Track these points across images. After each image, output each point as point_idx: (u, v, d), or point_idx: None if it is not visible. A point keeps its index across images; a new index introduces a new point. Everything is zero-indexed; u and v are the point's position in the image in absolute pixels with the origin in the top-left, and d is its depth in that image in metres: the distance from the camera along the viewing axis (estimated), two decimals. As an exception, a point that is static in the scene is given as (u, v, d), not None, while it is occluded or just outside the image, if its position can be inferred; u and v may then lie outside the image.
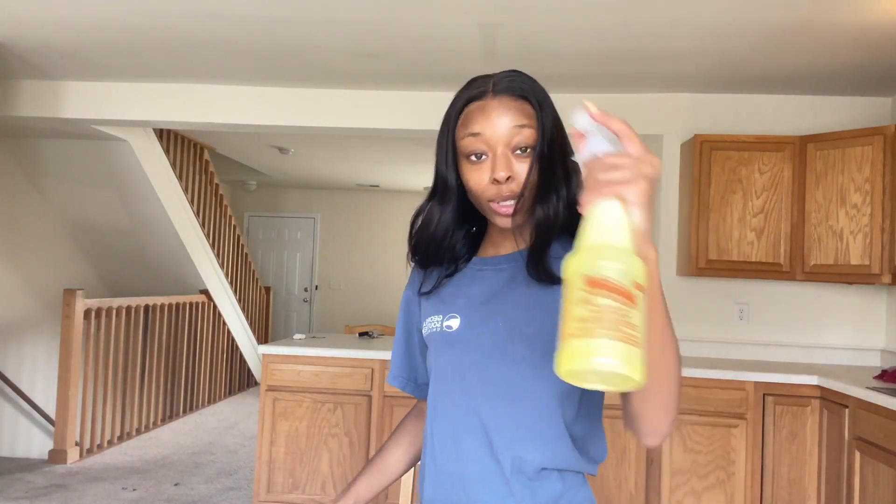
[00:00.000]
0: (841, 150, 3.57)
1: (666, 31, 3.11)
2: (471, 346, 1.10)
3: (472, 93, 1.08)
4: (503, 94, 1.06)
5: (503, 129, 1.04)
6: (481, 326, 1.10)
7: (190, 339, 6.53)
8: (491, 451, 1.06)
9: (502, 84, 1.07)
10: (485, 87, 1.07)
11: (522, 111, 1.05)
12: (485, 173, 1.05)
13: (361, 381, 3.69)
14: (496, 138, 1.04)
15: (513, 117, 1.04)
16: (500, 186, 1.04)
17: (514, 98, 1.06)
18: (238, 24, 3.19)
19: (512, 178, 1.04)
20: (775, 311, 4.01)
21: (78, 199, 5.73)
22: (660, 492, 3.48)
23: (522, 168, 1.05)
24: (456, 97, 1.11)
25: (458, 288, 1.16)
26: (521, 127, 1.04)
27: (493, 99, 1.06)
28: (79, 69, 4.04)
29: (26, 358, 5.64)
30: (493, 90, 1.06)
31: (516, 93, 1.06)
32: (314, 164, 7.53)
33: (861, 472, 3.02)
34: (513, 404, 1.05)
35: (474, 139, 1.05)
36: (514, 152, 1.05)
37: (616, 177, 0.77)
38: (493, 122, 1.04)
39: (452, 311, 1.14)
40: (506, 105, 1.05)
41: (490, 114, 1.05)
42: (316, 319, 9.78)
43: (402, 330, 1.29)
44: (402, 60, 3.64)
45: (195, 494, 4.25)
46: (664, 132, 4.12)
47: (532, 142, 1.05)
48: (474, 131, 1.05)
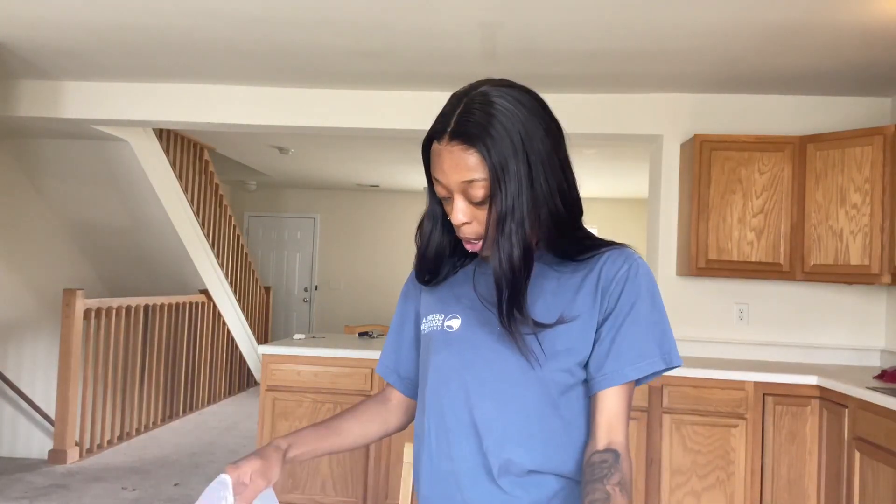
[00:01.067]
0: (841, 150, 3.57)
1: (666, 31, 3.11)
2: (469, 347, 1.11)
3: (434, 129, 1.05)
4: (454, 142, 1.01)
5: (454, 182, 1.03)
6: (480, 328, 1.11)
7: (190, 339, 6.53)
8: (481, 451, 1.07)
9: (458, 126, 1.01)
10: (444, 123, 1.03)
11: (471, 165, 1.01)
12: (449, 211, 1.07)
13: (361, 381, 3.70)
14: (452, 187, 1.04)
15: (462, 172, 1.01)
16: (461, 229, 1.06)
17: (464, 148, 1.01)
18: (238, 24, 3.19)
19: (470, 223, 1.05)
20: (775, 312, 4.01)
21: (78, 199, 5.73)
22: (660, 492, 3.48)
23: (480, 214, 1.04)
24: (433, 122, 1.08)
25: (460, 288, 1.17)
26: (469, 182, 1.02)
27: (445, 147, 1.02)
28: (79, 69, 4.04)
29: (26, 358, 5.64)
30: (450, 133, 1.02)
31: (466, 140, 1.01)
32: (314, 164, 7.53)
33: (861, 472, 3.02)
34: (504, 407, 1.07)
35: (436, 183, 1.06)
36: (470, 202, 1.04)
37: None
38: (445, 174, 1.03)
39: (455, 311, 1.16)
40: (454, 157, 1.02)
41: (443, 164, 1.03)
42: (316, 319, 9.78)
43: (396, 321, 1.31)
44: (402, 60, 3.64)
45: (195, 494, 4.25)
46: (664, 132, 4.12)
47: (483, 194, 1.02)
48: (436, 176, 1.06)
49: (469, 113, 1.02)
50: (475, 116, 1.01)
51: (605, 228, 9.52)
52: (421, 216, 1.18)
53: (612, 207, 9.53)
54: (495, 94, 1.03)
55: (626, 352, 1.05)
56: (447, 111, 1.04)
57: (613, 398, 1.05)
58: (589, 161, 6.59)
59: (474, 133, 1.00)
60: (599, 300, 1.07)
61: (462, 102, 1.03)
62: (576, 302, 1.07)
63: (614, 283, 1.07)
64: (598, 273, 1.08)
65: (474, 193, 1.02)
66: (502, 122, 1.01)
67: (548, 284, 1.09)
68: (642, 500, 3.50)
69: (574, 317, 1.06)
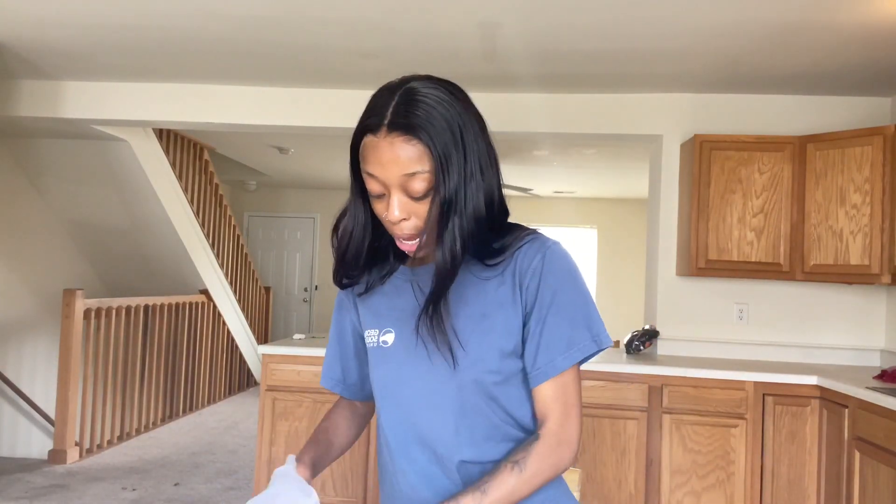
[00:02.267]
0: (841, 150, 3.57)
1: (666, 31, 3.11)
2: (403, 361, 1.11)
3: (367, 122, 1.02)
4: (395, 133, 0.98)
5: (394, 176, 0.99)
6: (411, 339, 1.10)
7: (190, 339, 6.53)
8: (437, 460, 1.08)
9: (396, 118, 0.99)
10: (379, 117, 1.00)
11: (413, 156, 0.98)
12: (383, 210, 1.03)
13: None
14: (389, 182, 1.00)
15: (403, 164, 0.98)
16: (397, 226, 1.03)
17: (406, 139, 0.98)
18: (238, 24, 3.19)
19: (408, 219, 1.02)
20: (775, 311, 4.01)
21: (78, 199, 5.73)
22: (659, 492, 3.48)
23: (420, 209, 1.01)
24: (360, 117, 1.05)
25: (391, 300, 1.16)
26: (411, 175, 0.98)
27: (384, 139, 0.99)
28: (79, 69, 4.04)
29: (26, 358, 5.64)
30: (388, 125, 0.99)
31: (408, 131, 0.98)
32: (314, 164, 7.53)
33: (861, 472, 3.02)
34: (444, 414, 1.07)
35: (370, 178, 1.02)
36: (409, 197, 1.01)
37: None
38: (384, 167, 0.99)
39: (388, 325, 1.14)
40: (396, 148, 0.98)
41: (381, 157, 0.99)
42: (316, 319, 9.78)
43: (334, 331, 1.30)
44: (402, 60, 3.64)
45: (195, 494, 4.25)
46: (664, 132, 4.12)
47: (426, 187, 0.99)
48: (368, 171, 1.01)
49: (406, 104, 0.99)
50: (414, 108, 0.98)
51: (606, 228, 9.52)
52: (335, 218, 1.13)
53: (612, 207, 9.52)
54: (429, 86, 1.02)
55: (556, 343, 1.05)
56: (379, 104, 1.01)
57: (550, 390, 1.05)
58: (589, 161, 6.58)
59: (416, 124, 0.98)
60: (519, 294, 1.06)
61: (395, 95, 1.01)
62: (496, 300, 1.06)
63: (530, 276, 1.05)
64: (514, 268, 1.06)
65: (415, 187, 0.99)
66: (442, 113, 0.99)
67: (469, 291, 1.07)
68: (642, 500, 3.50)
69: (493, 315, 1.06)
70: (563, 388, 1.06)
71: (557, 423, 1.05)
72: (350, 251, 1.12)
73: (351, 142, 1.06)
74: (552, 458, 1.03)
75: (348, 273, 1.15)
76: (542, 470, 1.02)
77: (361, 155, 1.03)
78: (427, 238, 1.04)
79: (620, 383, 3.51)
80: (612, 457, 3.52)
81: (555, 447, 1.03)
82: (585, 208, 9.47)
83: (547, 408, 1.05)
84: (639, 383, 3.50)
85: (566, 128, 4.14)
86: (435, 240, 1.03)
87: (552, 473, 1.03)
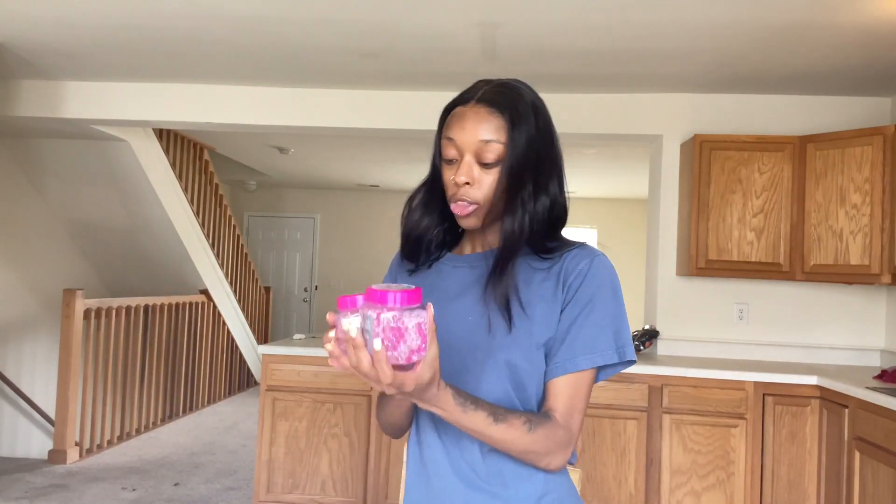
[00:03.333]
0: (841, 150, 3.57)
1: (666, 31, 3.11)
2: (440, 341, 1.13)
3: (460, 98, 1.13)
4: (481, 105, 1.09)
5: (471, 140, 1.09)
6: (450, 319, 1.14)
7: (190, 339, 6.53)
8: (457, 435, 1.12)
9: (487, 94, 1.10)
10: (472, 93, 1.11)
11: (493, 126, 1.08)
12: (452, 173, 1.12)
13: (361, 382, 3.69)
14: (464, 146, 1.09)
15: (482, 131, 1.08)
16: (459, 189, 1.10)
17: (490, 111, 1.09)
18: (238, 24, 3.19)
19: (471, 184, 1.09)
20: (775, 311, 4.01)
21: (78, 199, 5.73)
22: (659, 492, 3.48)
23: (486, 178, 1.10)
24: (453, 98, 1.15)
25: (433, 282, 1.21)
26: (487, 142, 1.08)
27: (471, 108, 1.10)
28: (79, 69, 4.04)
29: (26, 358, 5.64)
30: (477, 98, 1.10)
31: (494, 105, 1.09)
32: (314, 164, 7.53)
33: (861, 472, 3.02)
34: (475, 394, 1.10)
35: (448, 143, 1.11)
36: (480, 163, 1.09)
37: None
38: (464, 131, 1.09)
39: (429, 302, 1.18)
40: (479, 116, 1.09)
41: (464, 122, 1.09)
42: (316, 319, 9.78)
43: None
44: (402, 60, 3.64)
45: (195, 494, 4.26)
46: (664, 132, 4.12)
47: (496, 157, 1.08)
48: (449, 136, 1.11)
49: (499, 87, 1.11)
50: (504, 91, 1.11)
51: (606, 228, 9.51)
52: (413, 192, 1.21)
53: (612, 207, 9.52)
54: (524, 84, 1.14)
55: (580, 342, 1.08)
56: (474, 87, 1.13)
57: (563, 385, 1.08)
58: (589, 161, 6.58)
59: (503, 103, 1.09)
60: (561, 290, 1.11)
61: (492, 83, 1.13)
62: (539, 292, 1.11)
63: (574, 276, 1.11)
64: (561, 266, 1.12)
65: (487, 155, 1.08)
66: (527, 104, 1.11)
67: (520, 278, 1.12)
68: (642, 500, 3.50)
69: (534, 306, 1.10)
70: (576, 387, 1.09)
71: (563, 417, 1.08)
72: (414, 229, 1.20)
73: (439, 120, 1.16)
74: (553, 441, 1.05)
75: (411, 249, 1.23)
76: (541, 443, 1.04)
77: (446, 124, 1.13)
78: (481, 209, 1.11)
79: (620, 383, 3.51)
80: (612, 457, 3.52)
81: (560, 434, 1.06)
82: (585, 208, 9.46)
83: (556, 401, 1.08)
84: (639, 383, 3.50)
85: (566, 127, 4.14)
86: (486, 215, 1.11)
87: (544, 453, 1.05)
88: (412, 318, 0.86)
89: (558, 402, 1.08)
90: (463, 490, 1.11)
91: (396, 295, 0.85)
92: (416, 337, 0.87)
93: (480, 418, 0.99)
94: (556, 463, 1.07)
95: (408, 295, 0.85)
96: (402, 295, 0.85)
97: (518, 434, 1.02)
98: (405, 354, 0.87)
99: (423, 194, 1.20)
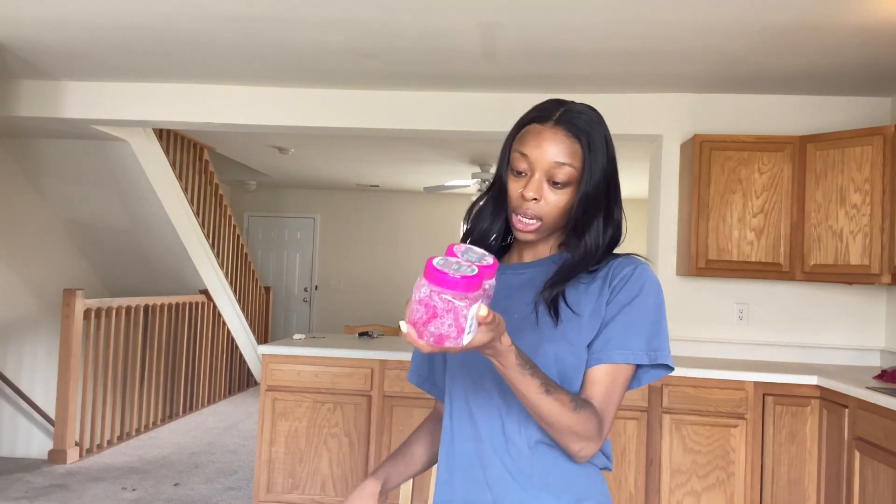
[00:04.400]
0: (841, 150, 3.57)
1: (666, 31, 3.11)
2: None
3: (539, 113, 1.17)
4: (560, 127, 1.14)
5: (546, 160, 1.13)
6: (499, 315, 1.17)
7: (190, 339, 6.53)
8: (503, 430, 1.15)
9: (567, 117, 1.15)
10: (551, 114, 1.16)
11: (570, 150, 1.13)
12: (520, 187, 1.16)
13: (361, 382, 3.70)
14: (537, 164, 1.14)
15: (558, 153, 1.13)
16: (526, 203, 1.15)
17: (569, 135, 1.14)
18: (238, 24, 3.19)
19: (538, 200, 1.14)
20: (775, 311, 4.01)
21: (78, 199, 5.73)
22: (659, 492, 3.48)
23: (552, 197, 1.15)
24: (529, 110, 1.20)
25: None
26: (561, 164, 1.13)
27: (550, 128, 1.14)
28: (79, 69, 4.04)
29: (26, 358, 5.64)
30: (556, 119, 1.14)
31: (573, 130, 1.14)
32: (314, 164, 7.53)
33: (861, 472, 3.02)
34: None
35: (521, 157, 1.15)
36: (549, 182, 1.14)
37: None
38: (541, 149, 1.14)
39: None
40: (558, 139, 1.13)
41: (541, 142, 1.14)
42: (316, 319, 9.78)
43: None
44: (402, 60, 3.64)
45: (195, 494, 4.26)
46: (664, 132, 4.12)
47: (566, 179, 1.14)
48: (523, 151, 1.15)
49: (576, 114, 1.16)
50: (581, 117, 1.16)
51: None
52: (478, 196, 1.26)
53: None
54: (593, 112, 1.19)
55: (616, 337, 1.14)
56: (549, 107, 1.17)
57: (602, 375, 1.13)
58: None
59: (581, 127, 1.15)
60: (607, 291, 1.17)
61: (564, 105, 1.17)
62: (587, 293, 1.17)
63: (619, 279, 1.17)
64: (609, 270, 1.18)
65: (559, 176, 1.13)
66: (600, 133, 1.17)
67: (569, 289, 1.18)
68: (642, 500, 3.50)
69: (582, 306, 1.16)
70: (613, 378, 1.13)
71: (599, 405, 1.11)
72: (481, 235, 1.24)
73: (509, 133, 1.21)
74: (592, 427, 1.08)
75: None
76: (583, 425, 1.07)
77: (520, 138, 1.17)
78: (543, 226, 1.16)
79: (620, 383, 3.50)
80: (613, 457, 3.51)
81: (596, 422, 1.09)
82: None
83: (593, 388, 1.12)
84: (639, 383, 3.50)
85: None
86: (548, 229, 1.17)
87: (582, 436, 1.08)
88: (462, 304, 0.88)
89: (595, 390, 1.12)
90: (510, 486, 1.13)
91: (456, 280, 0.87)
92: (452, 326, 0.88)
93: (534, 385, 1.01)
94: (589, 451, 1.10)
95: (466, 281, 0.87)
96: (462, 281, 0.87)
97: (565, 410, 1.04)
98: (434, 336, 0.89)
99: (490, 203, 1.23)
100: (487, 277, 0.93)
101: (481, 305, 0.89)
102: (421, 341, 0.89)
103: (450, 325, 0.88)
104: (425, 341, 0.89)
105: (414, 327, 0.89)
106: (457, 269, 0.89)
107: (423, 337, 0.88)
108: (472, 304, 0.88)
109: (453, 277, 0.87)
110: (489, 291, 0.95)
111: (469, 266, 0.91)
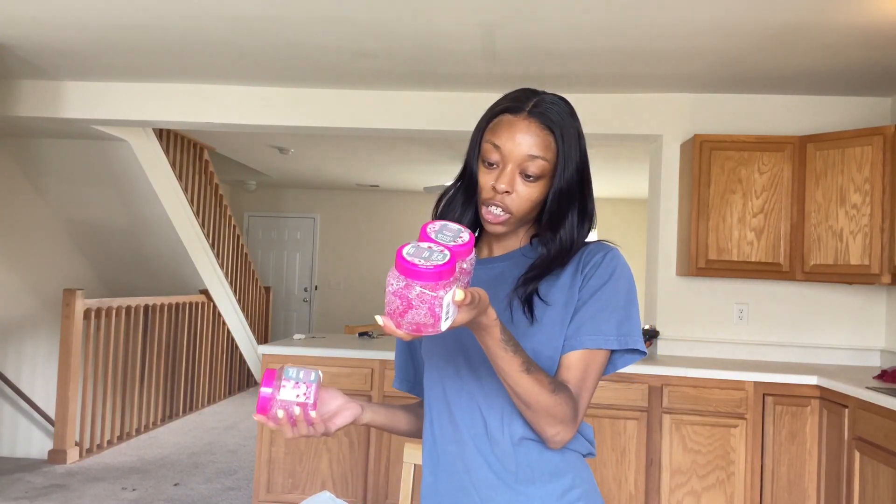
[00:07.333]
0: (841, 150, 3.57)
1: (666, 31, 3.11)
2: (461, 334, 1.16)
3: (511, 104, 1.14)
4: (534, 119, 1.12)
5: (519, 153, 1.11)
6: None
7: (190, 339, 6.53)
8: (486, 429, 1.14)
9: (540, 108, 1.12)
10: (524, 104, 1.13)
11: (544, 143, 1.11)
12: (491, 178, 1.13)
13: (361, 382, 3.70)
14: (511, 157, 1.11)
15: (532, 145, 1.11)
16: (497, 196, 1.12)
17: (542, 127, 1.12)
18: (238, 23, 3.19)
19: (510, 193, 1.12)
20: (775, 312, 4.01)
21: (78, 199, 5.73)
22: (659, 492, 3.48)
23: (524, 190, 1.12)
24: (500, 99, 1.17)
25: None
26: (535, 157, 1.11)
27: (524, 120, 1.12)
28: (79, 69, 4.04)
29: (26, 358, 5.64)
30: (529, 111, 1.12)
31: (546, 122, 1.12)
32: (314, 164, 7.53)
33: (861, 473, 3.02)
34: (498, 383, 1.12)
35: (493, 149, 1.13)
36: (521, 175, 1.12)
37: None
38: (514, 142, 1.11)
39: None
40: (531, 131, 1.11)
41: (514, 133, 1.11)
42: (316, 319, 9.78)
43: None
44: (402, 60, 3.64)
45: (195, 494, 4.26)
46: (664, 132, 4.12)
47: (539, 173, 1.11)
48: (496, 142, 1.12)
49: (548, 104, 1.14)
50: (554, 110, 1.13)
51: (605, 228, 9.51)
52: (447, 188, 1.23)
53: (612, 207, 9.52)
54: (562, 102, 1.17)
55: (587, 323, 1.13)
56: (522, 97, 1.15)
57: (576, 360, 1.12)
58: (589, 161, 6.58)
59: (554, 120, 1.12)
60: (579, 279, 1.16)
61: (536, 95, 1.15)
62: (559, 283, 1.16)
63: (590, 266, 1.16)
64: (578, 259, 1.17)
65: (531, 169, 1.11)
66: (574, 126, 1.15)
67: (542, 283, 1.16)
68: (642, 500, 3.50)
69: (555, 295, 1.15)
70: (587, 364, 1.12)
71: (574, 390, 1.11)
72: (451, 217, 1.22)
73: (480, 121, 1.18)
74: (568, 410, 1.07)
75: None
76: (560, 408, 1.06)
77: (492, 129, 1.14)
78: (513, 219, 1.14)
79: (620, 383, 3.51)
80: (612, 457, 3.52)
81: (572, 406, 1.08)
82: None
83: (568, 373, 1.12)
84: (639, 383, 3.50)
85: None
86: (518, 222, 1.15)
87: (559, 419, 1.07)
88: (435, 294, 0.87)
89: (570, 375, 1.11)
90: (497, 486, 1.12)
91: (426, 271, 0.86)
92: (428, 315, 0.87)
93: (516, 363, 1.00)
94: (564, 436, 1.09)
95: (437, 271, 0.86)
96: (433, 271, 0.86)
97: (544, 391, 1.03)
98: (412, 325, 0.88)
99: (460, 194, 1.21)
100: (463, 256, 0.92)
101: (456, 290, 0.87)
102: (400, 331, 0.88)
103: (425, 314, 0.87)
104: (404, 331, 0.88)
105: (391, 318, 0.88)
106: (427, 256, 0.88)
107: (401, 327, 0.88)
108: (446, 291, 0.87)
109: (424, 269, 0.85)
110: (468, 269, 0.94)
111: (441, 251, 0.89)
